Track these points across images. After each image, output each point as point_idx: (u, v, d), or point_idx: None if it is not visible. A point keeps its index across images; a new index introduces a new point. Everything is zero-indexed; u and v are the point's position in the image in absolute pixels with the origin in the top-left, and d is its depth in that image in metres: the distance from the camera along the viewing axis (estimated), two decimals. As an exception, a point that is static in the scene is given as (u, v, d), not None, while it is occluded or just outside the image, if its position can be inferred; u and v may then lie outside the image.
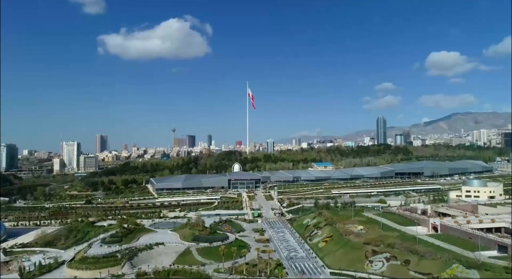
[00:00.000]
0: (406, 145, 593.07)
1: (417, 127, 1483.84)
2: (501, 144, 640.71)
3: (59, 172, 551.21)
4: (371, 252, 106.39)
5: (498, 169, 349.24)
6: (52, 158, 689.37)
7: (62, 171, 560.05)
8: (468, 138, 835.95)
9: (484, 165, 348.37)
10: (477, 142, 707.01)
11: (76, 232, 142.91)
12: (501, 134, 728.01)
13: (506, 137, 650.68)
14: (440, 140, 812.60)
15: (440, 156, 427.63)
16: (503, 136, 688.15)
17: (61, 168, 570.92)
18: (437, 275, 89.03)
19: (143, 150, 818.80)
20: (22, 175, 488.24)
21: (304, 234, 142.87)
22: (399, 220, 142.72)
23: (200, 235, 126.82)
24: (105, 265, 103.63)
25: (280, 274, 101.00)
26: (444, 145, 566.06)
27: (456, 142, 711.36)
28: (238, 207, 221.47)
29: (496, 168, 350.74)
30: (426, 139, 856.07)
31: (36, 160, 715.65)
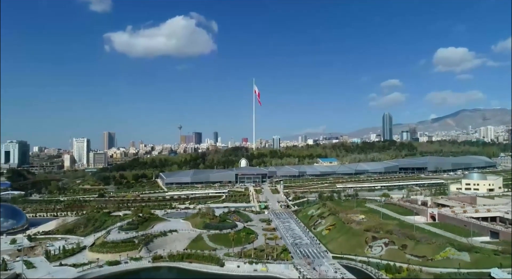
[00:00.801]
0: (411, 141, 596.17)
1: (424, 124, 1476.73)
2: (508, 140, 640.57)
3: (69, 168, 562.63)
4: (371, 238, 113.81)
5: (501, 164, 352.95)
6: (61, 154, 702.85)
7: (72, 167, 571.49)
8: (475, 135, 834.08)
9: (488, 160, 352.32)
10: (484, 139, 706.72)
11: (94, 221, 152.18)
12: (508, 131, 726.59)
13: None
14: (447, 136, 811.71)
15: (444, 151, 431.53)
16: (510, 133, 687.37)
17: (71, 164, 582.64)
18: (432, 257, 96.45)
19: (150, 147, 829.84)
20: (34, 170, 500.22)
21: (308, 224, 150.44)
22: (399, 210, 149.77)
23: (211, 223, 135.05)
24: (123, 249, 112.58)
25: (286, 258, 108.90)
26: (449, 141, 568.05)
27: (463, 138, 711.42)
28: (245, 200, 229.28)
29: (500, 163, 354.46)
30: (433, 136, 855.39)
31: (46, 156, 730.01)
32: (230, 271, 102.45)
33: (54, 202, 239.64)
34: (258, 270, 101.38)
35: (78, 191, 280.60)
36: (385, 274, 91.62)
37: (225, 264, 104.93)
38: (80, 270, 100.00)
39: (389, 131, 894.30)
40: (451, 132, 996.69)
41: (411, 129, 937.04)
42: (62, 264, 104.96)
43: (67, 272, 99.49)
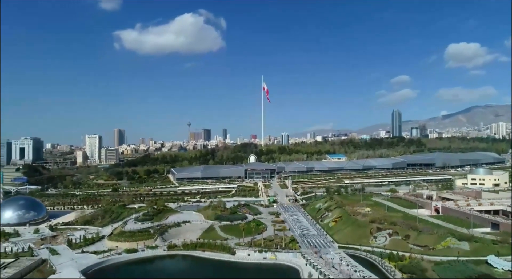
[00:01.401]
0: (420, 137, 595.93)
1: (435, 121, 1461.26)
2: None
3: (82, 164, 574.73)
4: (376, 229, 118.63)
5: (510, 160, 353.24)
6: (74, 151, 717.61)
7: (85, 163, 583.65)
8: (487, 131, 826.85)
9: (496, 156, 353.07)
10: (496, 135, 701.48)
11: (111, 213, 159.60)
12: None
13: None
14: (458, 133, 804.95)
15: (453, 148, 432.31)
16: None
17: (84, 160, 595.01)
18: (433, 247, 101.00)
19: (160, 143, 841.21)
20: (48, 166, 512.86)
21: (316, 216, 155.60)
22: (404, 204, 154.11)
23: (222, 214, 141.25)
24: (140, 238, 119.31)
25: (294, 247, 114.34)
26: (458, 138, 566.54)
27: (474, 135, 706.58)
28: (254, 195, 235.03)
29: (508, 159, 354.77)
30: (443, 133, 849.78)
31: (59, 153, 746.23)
32: (241, 259, 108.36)
33: (70, 196, 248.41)
34: (267, 258, 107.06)
35: (93, 186, 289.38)
36: (388, 262, 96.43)
37: (236, 253, 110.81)
38: (100, 257, 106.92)
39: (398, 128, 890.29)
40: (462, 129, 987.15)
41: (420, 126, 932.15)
42: (83, 251, 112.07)
43: (88, 258, 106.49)
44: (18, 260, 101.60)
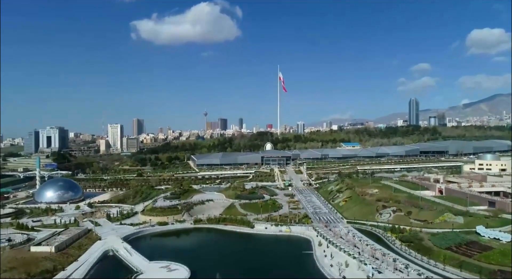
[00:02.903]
0: (436, 126, 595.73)
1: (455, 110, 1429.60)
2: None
3: (105, 152, 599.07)
4: (381, 206, 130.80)
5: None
6: (95, 139, 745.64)
7: (107, 151, 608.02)
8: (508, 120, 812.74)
9: (510, 144, 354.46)
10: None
11: (141, 193, 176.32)
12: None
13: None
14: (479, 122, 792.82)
15: (468, 136, 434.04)
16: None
17: (106, 148, 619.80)
18: (431, 221, 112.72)
19: (178, 133, 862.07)
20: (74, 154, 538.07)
21: (328, 197, 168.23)
22: (411, 186, 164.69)
23: (242, 194, 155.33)
24: (169, 213, 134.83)
25: (307, 222, 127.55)
26: (475, 126, 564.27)
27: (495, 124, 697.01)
28: (270, 180, 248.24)
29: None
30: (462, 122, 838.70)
31: (82, 142, 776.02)
32: (259, 231, 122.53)
33: (99, 180, 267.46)
34: (282, 231, 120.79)
35: (119, 171, 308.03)
36: (390, 234, 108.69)
37: (255, 226, 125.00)
38: (137, 228, 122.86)
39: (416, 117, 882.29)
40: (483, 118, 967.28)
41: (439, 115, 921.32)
42: (121, 223, 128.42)
43: (126, 229, 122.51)
44: (68, 229, 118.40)
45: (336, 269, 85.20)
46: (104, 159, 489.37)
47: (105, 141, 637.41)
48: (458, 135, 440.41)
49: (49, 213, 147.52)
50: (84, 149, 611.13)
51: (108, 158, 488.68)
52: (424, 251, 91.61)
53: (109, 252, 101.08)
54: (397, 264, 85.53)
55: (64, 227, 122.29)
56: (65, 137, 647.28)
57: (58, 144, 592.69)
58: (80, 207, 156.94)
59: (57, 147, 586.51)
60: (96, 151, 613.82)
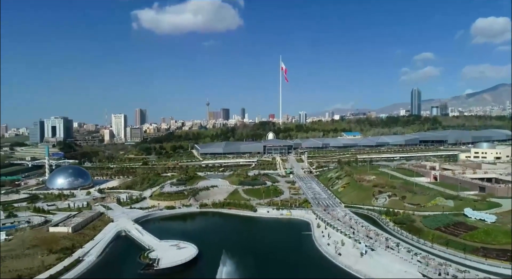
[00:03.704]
0: (437, 115, 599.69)
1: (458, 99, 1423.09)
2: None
3: (109, 142, 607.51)
4: (378, 191, 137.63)
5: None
6: (99, 129, 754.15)
7: (112, 141, 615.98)
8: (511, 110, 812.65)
9: (509, 133, 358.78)
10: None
11: (148, 179, 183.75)
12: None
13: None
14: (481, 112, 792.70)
15: (467, 125, 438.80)
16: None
17: (111, 138, 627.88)
18: (424, 205, 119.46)
19: (181, 122, 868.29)
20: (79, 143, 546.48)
21: (327, 184, 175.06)
22: (408, 173, 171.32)
23: (245, 180, 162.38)
24: (176, 198, 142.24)
25: (306, 206, 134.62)
26: (475, 116, 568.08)
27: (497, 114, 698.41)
28: (272, 168, 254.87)
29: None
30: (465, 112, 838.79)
31: (86, 132, 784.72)
32: (261, 214, 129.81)
33: (105, 168, 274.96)
34: (283, 214, 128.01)
35: (124, 160, 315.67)
36: (384, 217, 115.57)
37: (257, 210, 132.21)
38: (146, 211, 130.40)
39: (418, 106, 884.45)
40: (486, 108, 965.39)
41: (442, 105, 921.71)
42: (131, 207, 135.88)
43: (136, 212, 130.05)
44: (82, 212, 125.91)
45: (332, 247, 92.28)
46: (109, 148, 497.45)
47: (109, 131, 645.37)
48: (458, 125, 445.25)
49: (62, 198, 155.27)
50: (89, 139, 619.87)
51: (112, 147, 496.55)
52: (415, 231, 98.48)
53: (122, 232, 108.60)
54: (389, 243, 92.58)
55: (78, 210, 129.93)
56: (70, 127, 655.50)
57: (63, 133, 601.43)
58: (90, 193, 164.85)
59: (62, 136, 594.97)
60: (101, 141, 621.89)
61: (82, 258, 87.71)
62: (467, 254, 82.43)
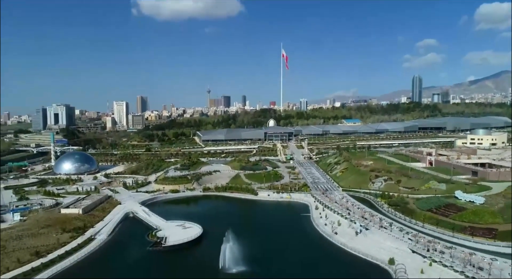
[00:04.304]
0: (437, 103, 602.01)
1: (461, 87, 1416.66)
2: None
3: (111, 129, 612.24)
4: (374, 176, 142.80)
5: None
6: (101, 117, 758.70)
7: (114, 128, 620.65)
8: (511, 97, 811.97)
9: (507, 121, 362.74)
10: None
11: (152, 165, 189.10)
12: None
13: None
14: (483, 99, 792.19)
15: (467, 112, 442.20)
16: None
17: (113, 125, 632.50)
18: (418, 188, 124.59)
19: (182, 110, 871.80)
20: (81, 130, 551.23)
21: (326, 169, 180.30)
22: (404, 158, 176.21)
23: (246, 165, 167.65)
24: (180, 182, 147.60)
25: (306, 190, 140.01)
26: (475, 103, 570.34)
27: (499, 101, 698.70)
28: (273, 154, 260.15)
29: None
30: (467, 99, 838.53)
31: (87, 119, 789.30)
32: (262, 198, 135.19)
33: (109, 154, 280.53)
34: (283, 197, 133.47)
35: (128, 146, 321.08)
36: (380, 199, 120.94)
37: (258, 193, 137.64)
38: (152, 195, 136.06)
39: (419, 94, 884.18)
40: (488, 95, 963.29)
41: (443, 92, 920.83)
42: (137, 191, 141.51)
43: (142, 195, 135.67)
44: (90, 195, 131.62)
45: (329, 227, 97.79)
46: (111, 135, 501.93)
47: (111, 118, 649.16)
48: (458, 112, 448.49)
49: (70, 182, 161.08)
50: (91, 126, 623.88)
51: (115, 135, 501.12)
52: (408, 212, 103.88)
53: (130, 214, 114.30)
54: (382, 223, 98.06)
55: (86, 194, 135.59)
56: (72, 114, 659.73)
57: (65, 121, 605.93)
58: (97, 178, 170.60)
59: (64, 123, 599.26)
60: (103, 128, 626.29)
61: (94, 236, 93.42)
62: (455, 232, 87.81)
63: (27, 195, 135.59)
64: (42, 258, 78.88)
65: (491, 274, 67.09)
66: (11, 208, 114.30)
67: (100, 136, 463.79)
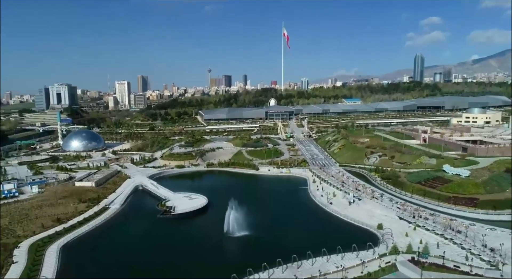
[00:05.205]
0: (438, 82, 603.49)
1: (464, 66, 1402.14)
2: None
3: (113, 108, 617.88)
4: (370, 152, 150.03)
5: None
6: (102, 96, 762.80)
7: (116, 107, 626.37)
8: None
9: (506, 100, 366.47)
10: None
11: (157, 142, 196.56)
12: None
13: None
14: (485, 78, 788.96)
15: (466, 92, 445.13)
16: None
17: (115, 104, 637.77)
18: (410, 163, 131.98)
19: (183, 89, 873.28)
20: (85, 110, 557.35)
21: (325, 146, 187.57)
22: (400, 136, 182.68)
23: (248, 143, 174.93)
24: (185, 158, 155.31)
25: (304, 165, 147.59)
26: (476, 82, 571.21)
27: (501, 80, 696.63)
28: (274, 133, 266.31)
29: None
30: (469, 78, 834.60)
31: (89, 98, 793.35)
32: (263, 172, 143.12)
33: (114, 133, 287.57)
34: (283, 172, 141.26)
35: (132, 125, 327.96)
36: (374, 174, 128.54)
37: (259, 169, 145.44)
38: (158, 170, 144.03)
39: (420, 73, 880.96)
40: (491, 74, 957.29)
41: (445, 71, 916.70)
42: (145, 166, 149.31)
43: (149, 170, 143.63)
44: (101, 170, 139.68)
45: (325, 198, 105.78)
46: (114, 114, 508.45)
47: (113, 98, 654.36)
48: (457, 91, 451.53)
49: (79, 159, 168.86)
50: (93, 105, 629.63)
51: (118, 114, 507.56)
52: (398, 185, 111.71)
53: (139, 186, 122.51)
54: (374, 194, 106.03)
55: (97, 169, 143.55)
56: (74, 94, 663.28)
57: (68, 100, 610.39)
58: (105, 154, 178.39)
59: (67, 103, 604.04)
60: (105, 107, 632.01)
61: (108, 206, 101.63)
62: (440, 202, 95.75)
63: (41, 170, 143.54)
64: (63, 224, 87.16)
65: (468, 236, 75.06)
66: (28, 181, 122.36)
67: (103, 115, 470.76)
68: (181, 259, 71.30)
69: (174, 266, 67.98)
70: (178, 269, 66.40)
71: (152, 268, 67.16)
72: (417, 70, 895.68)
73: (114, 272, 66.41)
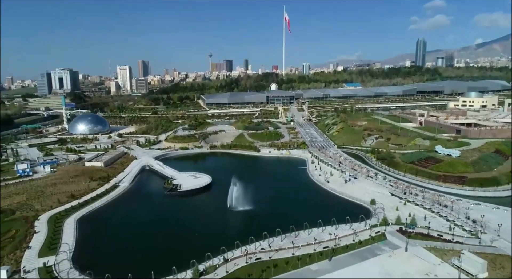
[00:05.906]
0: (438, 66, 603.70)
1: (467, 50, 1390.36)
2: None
3: (115, 93, 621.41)
4: (367, 134, 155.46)
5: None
6: (104, 81, 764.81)
7: (118, 92, 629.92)
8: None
9: (505, 84, 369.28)
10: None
11: (161, 126, 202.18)
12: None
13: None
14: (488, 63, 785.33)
15: (465, 76, 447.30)
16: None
17: (116, 89, 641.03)
18: (405, 145, 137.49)
19: (184, 74, 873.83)
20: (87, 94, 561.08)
21: (324, 129, 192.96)
22: (397, 119, 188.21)
23: (249, 125, 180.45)
24: (189, 140, 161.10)
25: (304, 147, 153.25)
26: (476, 67, 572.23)
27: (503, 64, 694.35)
28: (275, 117, 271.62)
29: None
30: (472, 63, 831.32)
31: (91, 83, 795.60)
32: (264, 154, 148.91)
33: (117, 117, 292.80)
34: (283, 154, 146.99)
35: (135, 109, 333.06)
36: (370, 154, 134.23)
37: (260, 150, 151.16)
38: (163, 151, 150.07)
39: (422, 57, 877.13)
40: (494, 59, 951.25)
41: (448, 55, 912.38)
42: (150, 148, 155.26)
43: (155, 152, 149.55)
44: (108, 152, 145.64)
45: (322, 177, 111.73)
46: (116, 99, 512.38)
47: (115, 83, 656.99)
48: (457, 75, 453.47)
49: (87, 141, 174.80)
50: (95, 90, 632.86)
51: (120, 98, 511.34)
52: (392, 165, 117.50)
53: (146, 166, 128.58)
54: (369, 173, 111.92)
55: (104, 150, 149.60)
56: (76, 79, 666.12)
57: (70, 85, 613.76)
58: (111, 137, 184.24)
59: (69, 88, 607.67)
60: (107, 92, 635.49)
61: (118, 184, 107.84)
62: (430, 180, 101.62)
63: (51, 151, 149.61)
64: (77, 200, 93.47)
65: (453, 210, 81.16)
66: (40, 162, 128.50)
67: (106, 100, 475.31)
68: (189, 229, 77.60)
69: (183, 235, 74.40)
70: (186, 238, 72.74)
71: (162, 238, 73.48)
72: (419, 54, 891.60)
73: (128, 240, 72.94)
